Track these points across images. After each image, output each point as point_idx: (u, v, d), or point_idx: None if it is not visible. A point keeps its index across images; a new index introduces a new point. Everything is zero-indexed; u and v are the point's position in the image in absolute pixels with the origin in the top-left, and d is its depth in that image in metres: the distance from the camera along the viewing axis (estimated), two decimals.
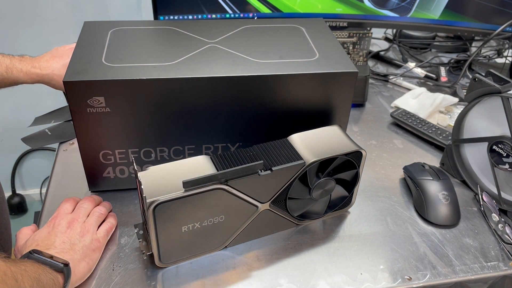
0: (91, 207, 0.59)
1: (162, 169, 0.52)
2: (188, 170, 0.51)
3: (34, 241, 0.52)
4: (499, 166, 0.64)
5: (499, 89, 0.62)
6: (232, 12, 0.94)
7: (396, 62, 1.08)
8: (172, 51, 0.62)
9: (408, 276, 0.56)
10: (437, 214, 0.64)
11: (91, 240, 0.54)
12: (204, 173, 0.49)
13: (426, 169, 0.69)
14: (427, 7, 0.97)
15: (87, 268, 0.52)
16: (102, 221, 0.58)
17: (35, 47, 1.23)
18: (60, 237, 0.52)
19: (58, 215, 0.56)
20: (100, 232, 0.56)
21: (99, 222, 0.57)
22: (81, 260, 0.52)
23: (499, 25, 0.93)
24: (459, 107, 0.91)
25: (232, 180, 0.50)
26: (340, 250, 0.59)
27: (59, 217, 0.55)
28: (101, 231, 0.56)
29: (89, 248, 0.53)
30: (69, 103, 0.56)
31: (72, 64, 0.57)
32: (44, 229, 0.54)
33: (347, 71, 0.60)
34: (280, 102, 0.61)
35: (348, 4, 0.97)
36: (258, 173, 0.51)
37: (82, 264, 0.52)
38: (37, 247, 0.51)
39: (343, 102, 0.63)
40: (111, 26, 0.68)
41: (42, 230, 0.54)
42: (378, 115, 0.89)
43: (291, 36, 0.69)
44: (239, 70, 0.58)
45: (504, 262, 0.59)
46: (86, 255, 0.52)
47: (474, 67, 1.06)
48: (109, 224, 0.58)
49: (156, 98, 0.57)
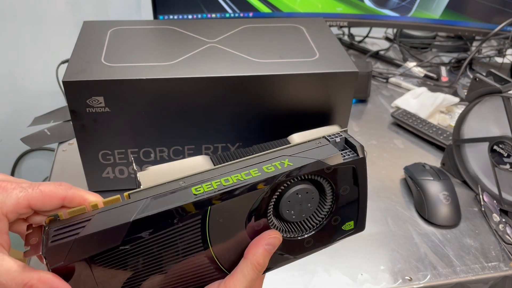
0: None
1: (161, 169, 0.51)
2: (188, 170, 0.51)
3: None
4: (499, 166, 0.64)
5: (499, 89, 0.62)
6: (232, 11, 0.94)
7: (396, 61, 1.08)
8: (172, 51, 0.62)
9: (409, 277, 0.56)
10: (438, 214, 0.64)
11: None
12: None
13: (426, 169, 0.68)
14: (427, 6, 0.97)
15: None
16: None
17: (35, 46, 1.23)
18: None
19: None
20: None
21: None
22: None
23: (499, 24, 0.93)
24: (460, 107, 0.91)
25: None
26: (340, 250, 0.59)
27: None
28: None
29: None
30: (68, 103, 0.56)
31: (71, 64, 0.57)
32: None
33: (347, 71, 0.60)
34: (280, 102, 0.61)
35: (349, 4, 0.97)
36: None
37: None
38: None
39: (343, 102, 0.63)
40: (111, 25, 0.68)
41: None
42: (378, 115, 0.89)
43: (291, 36, 0.68)
44: (239, 70, 0.58)
45: (505, 262, 0.59)
46: None
47: (475, 67, 1.06)
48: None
49: (156, 98, 0.57)
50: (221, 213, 0.35)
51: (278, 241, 0.37)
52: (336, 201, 0.40)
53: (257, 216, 0.37)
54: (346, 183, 0.40)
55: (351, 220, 0.42)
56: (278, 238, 0.37)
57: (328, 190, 0.40)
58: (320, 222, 0.41)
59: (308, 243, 0.40)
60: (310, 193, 0.39)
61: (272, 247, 0.36)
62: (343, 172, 0.40)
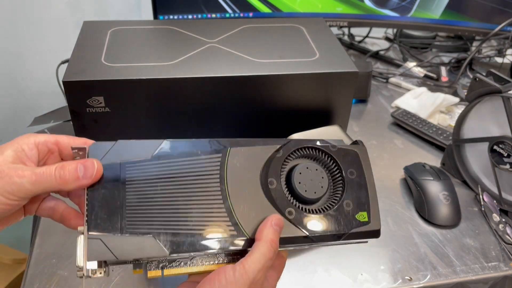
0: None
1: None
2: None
3: None
4: (499, 166, 0.64)
5: (499, 89, 0.62)
6: (232, 11, 0.94)
7: (396, 62, 1.08)
8: (172, 51, 0.62)
9: (409, 277, 0.56)
10: (438, 214, 0.64)
11: None
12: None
13: (426, 169, 0.68)
14: (427, 6, 0.97)
15: None
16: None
17: (35, 46, 1.23)
18: None
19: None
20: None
21: None
22: None
23: (499, 24, 0.93)
24: (460, 107, 0.91)
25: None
26: (340, 250, 0.59)
27: None
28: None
29: None
30: (68, 103, 0.56)
31: (71, 64, 0.57)
32: None
33: (347, 71, 0.60)
34: (280, 102, 0.61)
35: (349, 4, 0.97)
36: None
37: None
38: None
39: (343, 102, 0.63)
40: (111, 25, 0.68)
41: None
42: (378, 115, 0.89)
43: (291, 36, 0.68)
44: (239, 70, 0.58)
45: (504, 262, 0.59)
46: None
47: (475, 67, 1.06)
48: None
49: (156, 98, 0.57)
50: (239, 157, 0.40)
51: (281, 222, 0.39)
52: (344, 184, 0.43)
53: (270, 174, 0.41)
54: (352, 166, 0.44)
55: (364, 211, 0.43)
56: (281, 219, 0.39)
57: (336, 173, 0.43)
58: (332, 202, 0.42)
59: (323, 223, 0.41)
60: (319, 172, 0.42)
61: (279, 228, 0.39)
62: (347, 154, 0.44)
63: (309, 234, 0.40)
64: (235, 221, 0.39)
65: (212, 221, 0.38)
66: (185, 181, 0.39)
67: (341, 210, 0.42)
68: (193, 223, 0.38)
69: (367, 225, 0.42)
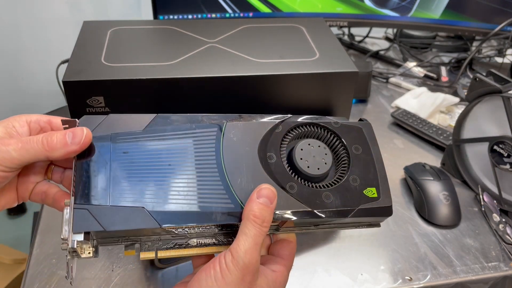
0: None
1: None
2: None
3: None
4: (500, 166, 0.64)
5: (499, 89, 0.62)
6: (232, 11, 0.94)
7: (396, 61, 1.08)
8: (172, 51, 0.62)
9: (409, 277, 0.56)
10: (438, 214, 0.64)
11: None
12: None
13: (426, 169, 0.68)
14: (427, 6, 0.97)
15: None
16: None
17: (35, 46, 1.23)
18: None
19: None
20: None
21: None
22: None
23: (499, 24, 0.93)
24: (460, 107, 0.91)
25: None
26: (340, 250, 0.59)
27: None
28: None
29: None
30: (68, 103, 0.56)
31: (71, 64, 0.57)
32: None
33: (347, 71, 0.60)
34: (280, 102, 0.61)
35: (349, 4, 0.97)
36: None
37: None
38: None
39: (343, 102, 0.63)
40: (111, 25, 0.68)
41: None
42: (378, 115, 0.89)
43: (291, 36, 0.68)
44: (239, 70, 0.58)
45: (505, 262, 0.59)
46: None
47: (475, 67, 1.06)
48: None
49: (156, 97, 0.57)
50: (235, 132, 0.39)
51: (271, 192, 0.36)
52: (350, 159, 0.41)
53: (269, 149, 0.39)
54: (357, 142, 0.42)
55: (372, 186, 0.40)
56: (270, 189, 0.36)
57: (341, 150, 0.42)
58: (338, 179, 0.40)
59: (328, 198, 0.39)
60: (322, 148, 0.40)
61: (267, 199, 0.36)
62: (351, 130, 0.42)
63: (313, 209, 0.38)
64: (232, 194, 0.37)
65: (207, 193, 0.36)
66: (178, 153, 0.38)
67: (347, 185, 0.39)
68: (187, 195, 0.36)
69: (377, 201, 0.40)
